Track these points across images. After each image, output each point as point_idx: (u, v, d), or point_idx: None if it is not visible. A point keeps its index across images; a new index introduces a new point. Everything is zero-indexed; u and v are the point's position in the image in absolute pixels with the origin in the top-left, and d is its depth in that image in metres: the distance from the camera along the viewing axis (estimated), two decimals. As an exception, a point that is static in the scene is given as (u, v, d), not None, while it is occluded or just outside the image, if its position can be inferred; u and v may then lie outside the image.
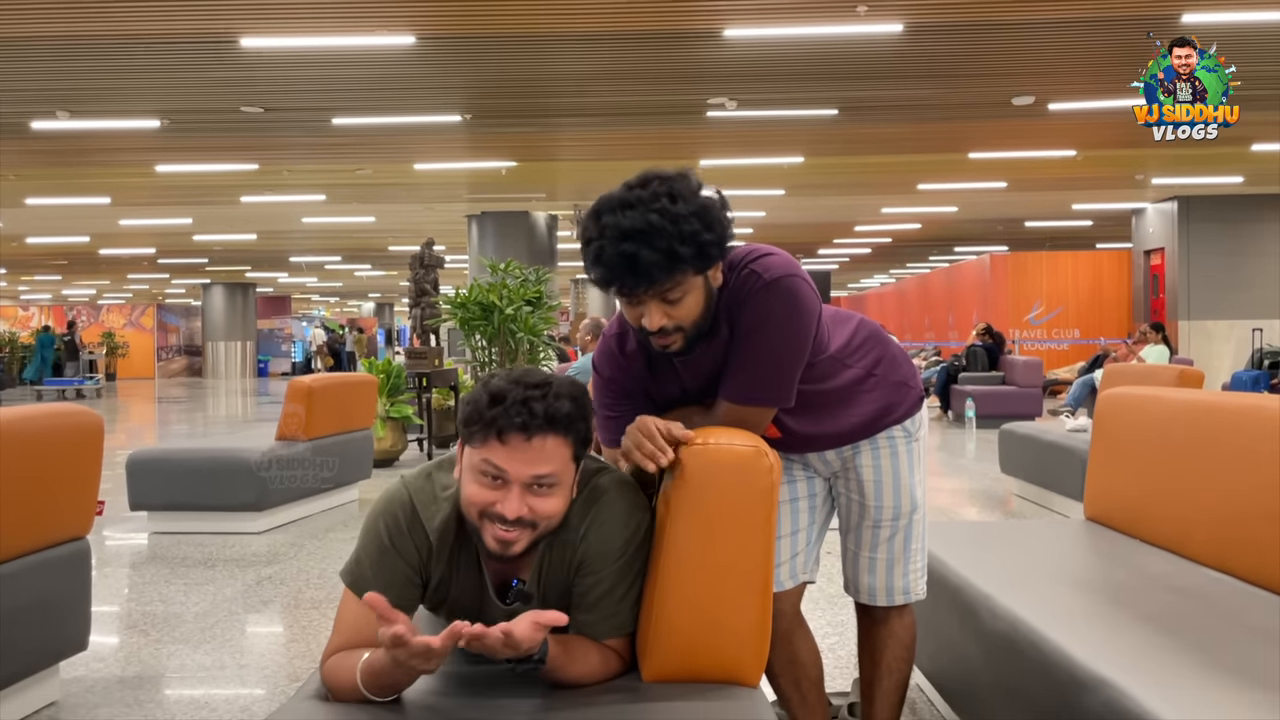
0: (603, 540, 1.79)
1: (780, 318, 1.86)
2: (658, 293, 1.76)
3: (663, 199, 1.70)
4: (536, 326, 9.50)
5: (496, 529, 1.68)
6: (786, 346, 1.90)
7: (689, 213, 1.70)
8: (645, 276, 1.71)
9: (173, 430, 13.77)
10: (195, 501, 5.90)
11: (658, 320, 1.79)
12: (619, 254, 1.70)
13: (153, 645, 3.86)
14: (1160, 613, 2.21)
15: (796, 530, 2.28)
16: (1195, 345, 15.78)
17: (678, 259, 1.70)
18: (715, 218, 1.74)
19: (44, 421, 3.06)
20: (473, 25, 7.65)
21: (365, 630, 1.76)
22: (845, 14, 7.41)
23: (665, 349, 1.87)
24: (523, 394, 1.65)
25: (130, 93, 9.39)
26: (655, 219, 1.68)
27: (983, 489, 7.27)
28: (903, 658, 2.29)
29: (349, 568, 1.81)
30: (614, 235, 1.70)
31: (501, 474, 1.66)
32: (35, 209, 15.88)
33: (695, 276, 1.78)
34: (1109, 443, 3.20)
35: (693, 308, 1.80)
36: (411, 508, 1.80)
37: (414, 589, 1.81)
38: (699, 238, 1.71)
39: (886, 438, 2.21)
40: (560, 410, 1.66)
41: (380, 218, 18.00)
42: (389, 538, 1.79)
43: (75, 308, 33.34)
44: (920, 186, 15.08)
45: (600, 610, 1.80)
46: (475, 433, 1.67)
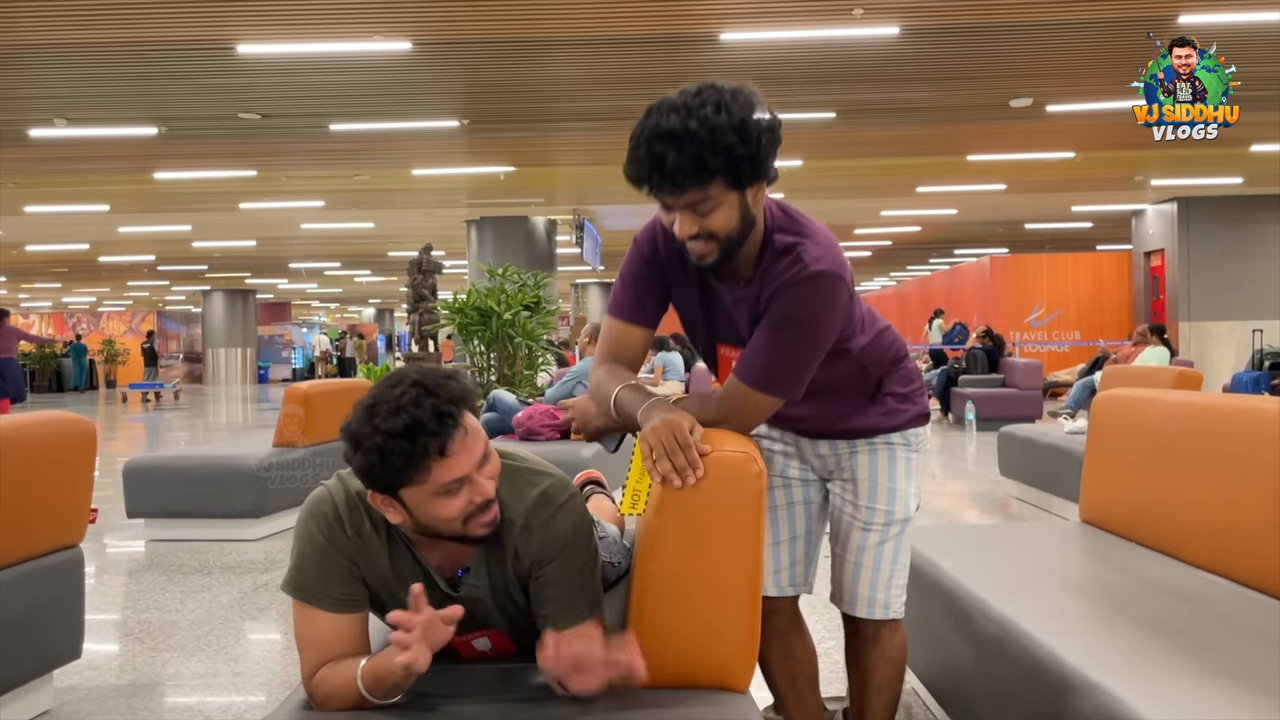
0: (550, 534, 1.81)
1: (812, 314, 1.85)
2: (687, 202, 1.76)
3: (708, 107, 1.70)
4: (535, 331, 9.50)
5: (480, 519, 1.72)
6: (810, 343, 1.88)
7: (728, 125, 1.69)
8: (670, 180, 1.71)
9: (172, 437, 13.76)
10: (192, 508, 5.88)
11: (687, 228, 1.79)
12: (650, 153, 1.71)
13: (148, 653, 3.85)
14: (1154, 616, 2.19)
15: (794, 536, 2.26)
16: (1196, 346, 15.77)
17: (705, 168, 1.70)
18: (755, 137, 1.73)
19: (36, 430, 3.05)
20: (469, 31, 7.66)
21: (335, 641, 1.76)
22: (842, 17, 7.41)
23: (701, 260, 1.85)
24: (430, 407, 1.63)
25: (128, 100, 9.41)
26: (693, 125, 1.68)
27: (983, 492, 7.26)
28: (894, 675, 2.24)
29: (290, 579, 1.80)
30: (651, 134, 1.71)
31: (462, 479, 1.67)
32: (34, 217, 15.91)
33: (730, 192, 1.76)
34: (1104, 445, 3.19)
35: (724, 221, 1.79)
36: (335, 508, 1.81)
37: (358, 584, 1.81)
38: (732, 151, 1.70)
39: (885, 442, 2.19)
40: (453, 391, 1.67)
41: (379, 223, 18.02)
42: (323, 535, 1.79)
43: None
44: (919, 189, 15.08)
45: (560, 603, 1.81)
46: (413, 472, 1.64)
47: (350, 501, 1.81)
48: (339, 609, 1.78)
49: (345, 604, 1.78)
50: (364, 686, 1.69)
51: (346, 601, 1.79)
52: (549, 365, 10.69)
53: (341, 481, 1.85)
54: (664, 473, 1.71)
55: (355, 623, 1.80)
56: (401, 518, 1.72)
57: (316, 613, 1.77)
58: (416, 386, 1.64)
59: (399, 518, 1.72)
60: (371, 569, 1.81)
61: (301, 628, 1.79)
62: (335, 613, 1.77)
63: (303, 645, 1.79)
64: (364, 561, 1.80)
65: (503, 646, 2.00)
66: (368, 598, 1.83)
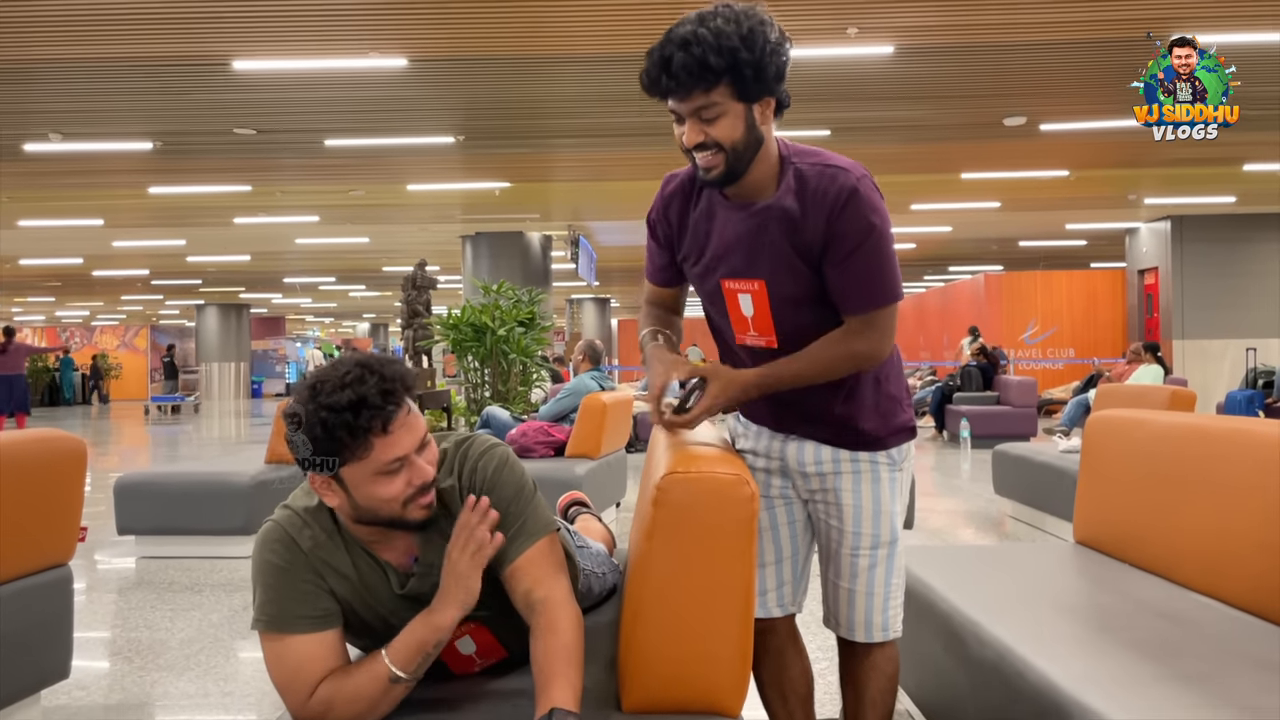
0: (480, 471, 1.85)
1: (875, 216, 1.92)
2: (694, 107, 1.85)
3: (719, 19, 1.82)
4: (529, 348, 9.50)
5: (419, 501, 1.75)
6: (888, 241, 1.96)
7: (734, 32, 1.80)
8: (675, 80, 1.82)
9: (164, 453, 13.72)
10: (183, 525, 5.86)
11: (694, 136, 1.88)
12: (661, 57, 1.83)
13: (137, 672, 3.82)
14: (1147, 639, 2.18)
15: (781, 559, 2.25)
16: (1190, 364, 15.81)
17: (708, 69, 1.79)
18: (761, 45, 1.83)
19: (26, 447, 3.03)
20: (464, 48, 7.68)
21: (325, 658, 1.75)
22: (836, 36, 7.44)
23: (708, 174, 1.93)
24: (375, 384, 1.66)
25: (123, 115, 9.41)
26: (702, 31, 1.80)
27: (977, 510, 7.25)
28: (887, 689, 2.22)
29: (258, 614, 1.77)
30: (664, 41, 1.84)
31: (402, 459, 1.70)
32: (28, 231, 15.89)
33: (735, 103, 1.86)
34: (1098, 466, 3.19)
35: (729, 130, 1.88)
36: (285, 532, 1.80)
37: (328, 597, 1.79)
38: (736, 55, 1.80)
39: (870, 462, 2.14)
40: (397, 371, 1.71)
41: (374, 238, 18.02)
42: (281, 560, 1.78)
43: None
44: (914, 206, 15.13)
45: (508, 529, 1.81)
46: (356, 447, 1.66)
47: (297, 521, 1.81)
48: (316, 627, 1.75)
49: (321, 621, 1.76)
50: (396, 666, 1.70)
51: (322, 618, 1.76)
52: (543, 382, 10.68)
53: (285, 509, 1.85)
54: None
55: (336, 638, 1.78)
56: (340, 499, 1.73)
57: (293, 640, 1.73)
58: (361, 366, 1.69)
59: (337, 500, 1.73)
60: (336, 577, 1.80)
61: (279, 664, 1.74)
62: (314, 632, 1.75)
63: (286, 680, 1.74)
64: (328, 572, 1.79)
65: (490, 649, 1.96)
66: (340, 612, 1.81)
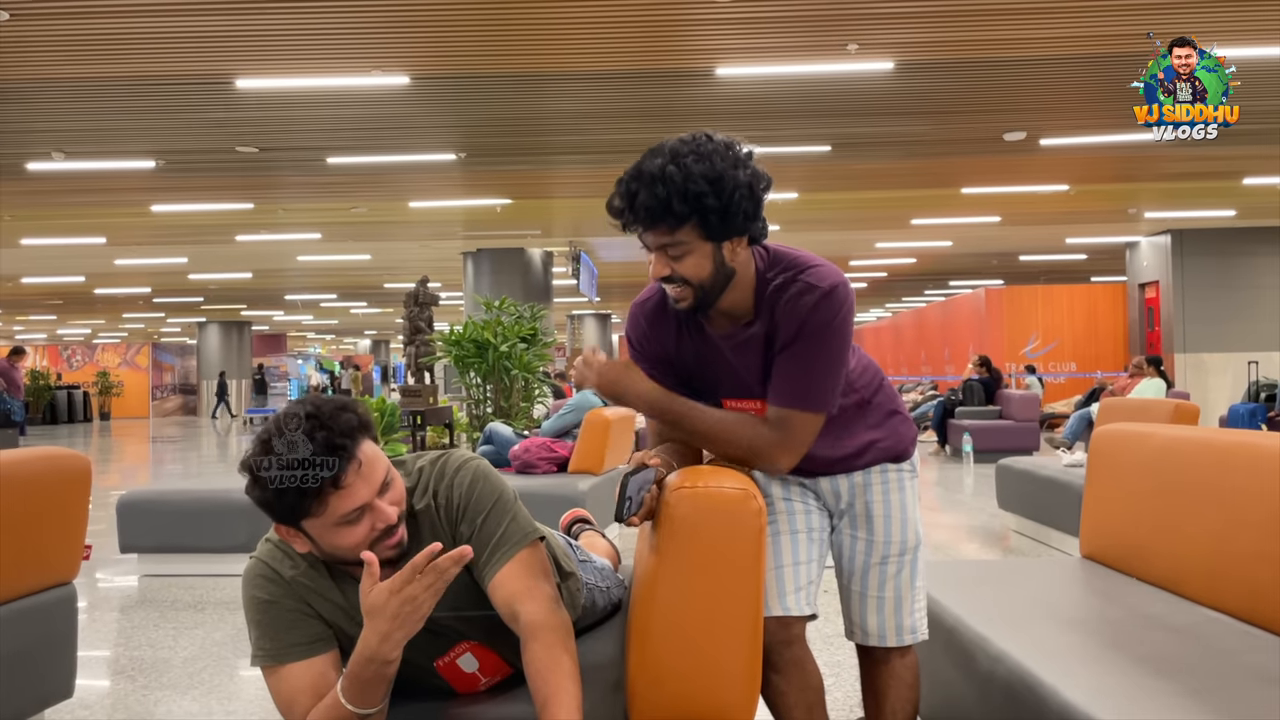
0: (455, 488, 1.83)
1: (836, 324, 1.91)
2: (659, 243, 1.84)
3: (690, 156, 1.76)
4: (531, 364, 9.50)
5: (386, 543, 1.71)
6: (837, 351, 1.93)
7: (702, 175, 1.76)
8: (636, 217, 1.81)
9: (165, 470, 13.70)
10: (186, 543, 5.84)
11: (659, 269, 1.87)
12: (626, 190, 1.80)
13: (140, 691, 3.80)
14: (1155, 653, 2.18)
15: (811, 560, 2.24)
16: (1192, 378, 15.79)
17: (670, 212, 1.77)
18: (730, 191, 1.78)
19: (31, 466, 3.02)
20: (466, 66, 7.71)
21: (318, 684, 1.74)
22: (836, 52, 7.47)
23: (678, 304, 1.93)
24: (322, 440, 1.62)
25: (125, 134, 9.45)
26: (671, 169, 1.75)
27: (980, 525, 7.23)
28: (908, 698, 2.24)
29: (256, 651, 1.78)
30: (633, 173, 1.81)
31: (361, 508, 1.67)
32: (31, 249, 15.92)
33: (702, 242, 1.83)
34: (1104, 481, 3.18)
35: (695, 269, 1.85)
36: (267, 566, 1.81)
37: (318, 623, 1.79)
38: (701, 200, 1.76)
39: (896, 471, 2.21)
40: (346, 424, 1.66)
41: (376, 255, 18.05)
42: (267, 595, 1.78)
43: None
44: (914, 221, 15.15)
45: (487, 541, 1.80)
46: (310, 506, 1.64)
47: (278, 554, 1.82)
48: (308, 654, 1.76)
49: (313, 647, 1.77)
50: (345, 697, 1.66)
51: (313, 644, 1.77)
52: (545, 398, 10.68)
53: (266, 543, 1.85)
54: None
55: (331, 662, 1.78)
56: (307, 547, 1.73)
57: (289, 669, 1.75)
58: (310, 419, 1.64)
59: (305, 547, 1.73)
60: (324, 603, 1.80)
61: (277, 695, 1.77)
62: (307, 659, 1.76)
63: (283, 710, 1.76)
64: (314, 599, 1.79)
65: (493, 667, 1.95)
66: (333, 636, 1.81)
